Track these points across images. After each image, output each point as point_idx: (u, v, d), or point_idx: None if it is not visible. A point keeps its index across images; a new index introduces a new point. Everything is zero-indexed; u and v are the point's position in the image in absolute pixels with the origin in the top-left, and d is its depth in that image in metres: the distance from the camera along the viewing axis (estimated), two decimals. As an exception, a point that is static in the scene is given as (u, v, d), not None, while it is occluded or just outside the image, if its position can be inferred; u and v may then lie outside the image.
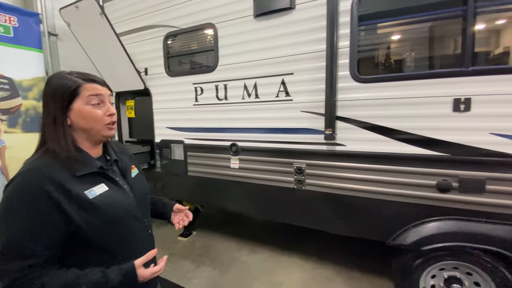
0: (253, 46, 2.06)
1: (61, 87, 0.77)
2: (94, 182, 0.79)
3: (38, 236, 0.69)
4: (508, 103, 1.40)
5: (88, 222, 0.74)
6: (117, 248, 0.80)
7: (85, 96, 0.78)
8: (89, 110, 0.79)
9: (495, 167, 1.45)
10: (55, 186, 0.71)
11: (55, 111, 0.76)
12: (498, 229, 1.48)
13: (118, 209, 0.80)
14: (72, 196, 0.72)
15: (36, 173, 0.71)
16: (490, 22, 2.04)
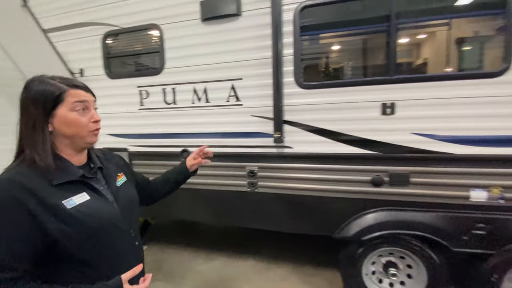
0: (202, 50, 2.03)
1: (43, 93, 0.73)
2: (75, 191, 0.75)
3: (12, 248, 0.66)
4: (426, 106, 1.63)
5: (66, 234, 0.70)
6: (101, 262, 0.76)
7: (70, 102, 0.75)
8: (74, 117, 0.75)
9: (417, 162, 1.68)
10: (30, 196, 0.67)
11: (36, 117, 0.72)
12: (422, 216, 1.71)
13: (100, 220, 0.76)
14: (48, 206, 0.69)
15: (10, 182, 0.68)
16: (410, 37, 2.38)
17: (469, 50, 1.93)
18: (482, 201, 1.60)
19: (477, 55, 1.93)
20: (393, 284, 1.90)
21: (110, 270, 0.76)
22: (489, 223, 1.59)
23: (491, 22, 1.78)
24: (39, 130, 0.72)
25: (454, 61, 1.99)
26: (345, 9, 1.83)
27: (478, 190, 1.60)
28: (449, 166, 1.63)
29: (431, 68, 2.24)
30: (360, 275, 1.89)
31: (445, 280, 1.74)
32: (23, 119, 0.74)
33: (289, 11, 1.80)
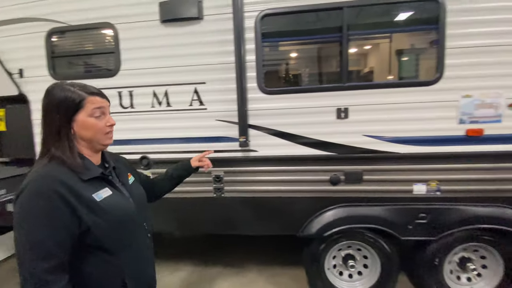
0: (162, 52, 1.96)
1: (66, 100, 0.80)
2: (99, 186, 0.83)
3: (57, 238, 0.72)
4: (374, 111, 1.81)
5: (97, 223, 0.77)
6: (121, 250, 0.83)
7: (90, 109, 0.82)
8: (92, 122, 0.83)
9: (368, 161, 1.85)
10: (67, 189, 0.74)
11: (59, 122, 0.80)
12: (374, 210, 1.88)
13: (121, 212, 0.84)
14: (83, 199, 0.76)
15: (49, 178, 0.75)
16: (359, 48, 2.61)
17: (407, 60, 2.19)
18: (423, 194, 1.83)
19: (414, 65, 2.20)
20: (352, 275, 2.04)
21: (127, 258, 0.85)
22: (429, 213, 1.82)
23: (426, 36, 2.05)
24: (64, 134, 0.80)
25: (395, 70, 2.25)
26: (302, 19, 1.94)
27: (419, 184, 1.82)
28: (395, 164, 1.83)
29: (377, 77, 2.49)
30: (323, 270, 2.00)
31: (396, 267, 1.93)
32: (46, 124, 0.82)
33: (250, 18, 1.85)
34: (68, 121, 0.80)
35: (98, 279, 0.80)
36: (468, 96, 1.72)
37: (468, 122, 1.73)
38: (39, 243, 0.71)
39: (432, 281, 1.91)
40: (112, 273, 0.82)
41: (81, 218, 0.75)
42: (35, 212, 0.72)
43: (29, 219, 0.72)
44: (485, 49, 1.69)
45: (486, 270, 1.93)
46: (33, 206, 0.73)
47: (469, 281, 1.96)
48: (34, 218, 0.72)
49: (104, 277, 0.81)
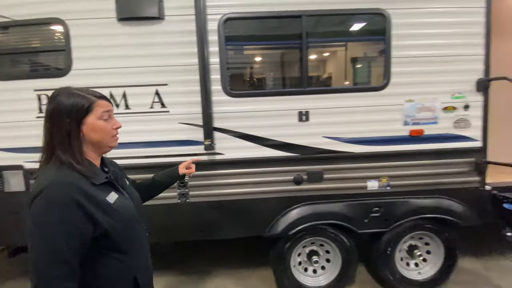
0: (119, 52, 1.86)
1: (76, 104, 0.82)
2: (108, 190, 0.86)
3: (72, 245, 0.73)
4: (332, 114, 1.93)
5: (111, 225, 0.80)
6: (130, 248, 0.88)
7: (99, 112, 0.85)
8: (101, 124, 0.85)
9: (328, 161, 1.97)
10: (84, 195, 0.76)
11: (70, 126, 0.81)
12: (334, 207, 2.00)
13: (128, 213, 0.89)
14: (98, 203, 0.79)
15: (65, 184, 0.75)
16: (319, 54, 2.77)
17: (360, 68, 2.39)
18: (375, 189, 2.00)
19: (366, 72, 2.41)
20: (316, 270, 2.14)
21: (136, 255, 0.90)
22: (382, 206, 2.00)
23: (376, 46, 2.25)
24: (74, 138, 0.81)
25: (350, 76, 2.43)
26: (265, 24, 2.01)
27: (372, 180, 1.99)
28: (351, 163, 1.97)
29: (334, 82, 2.67)
30: (289, 268, 2.07)
31: (355, 258, 2.08)
32: (54, 127, 0.81)
33: (213, 21, 1.85)
34: (78, 124, 0.82)
35: (112, 279, 0.84)
36: (410, 101, 1.93)
37: (411, 124, 1.95)
38: (55, 250, 0.72)
39: (386, 269, 2.09)
40: (125, 271, 0.86)
41: (97, 222, 0.77)
42: (52, 220, 0.72)
43: (45, 226, 0.72)
44: (424, 59, 1.92)
45: (430, 255, 2.17)
46: (50, 213, 0.73)
47: (416, 266, 2.19)
48: (51, 225, 0.72)
49: (118, 275, 0.85)
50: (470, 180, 2.02)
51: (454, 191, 2.02)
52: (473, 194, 2.03)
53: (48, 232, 0.72)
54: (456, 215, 1.99)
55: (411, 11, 1.89)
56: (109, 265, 0.82)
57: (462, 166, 2.00)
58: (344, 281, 2.11)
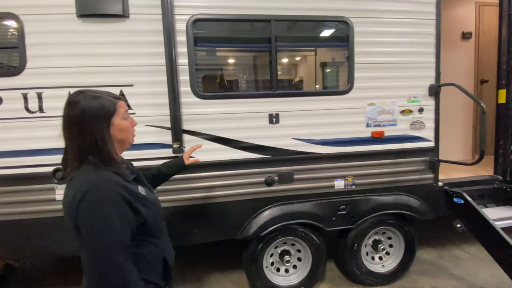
0: (79, 50, 1.75)
1: (102, 107, 0.86)
2: (136, 184, 0.95)
3: (125, 232, 0.82)
4: (301, 116, 1.99)
5: (149, 214, 0.91)
6: (160, 234, 1.00)
7: (122, 112, 0.91)
8: (125, 124, 0.93)
9: (298, 162, 2.02)
10: (126, 190, 0.85)
11: (103, 129, 0.86)
12: (304, 206, 2.06)
13: (156, 203, 1.01)
14: (137, 197, 0.89)
15: (109, 183, 0.83)
16: (288, 58, 2.85)
17: (329, 72, 2.51)
18: (342, 188, 2.10)
19: (334, 76, 2.53)
20: (288, 269, 2.18)
21: (163, 240, 1.02)
22: (348, 204, 2.10)
23: (342, 52, 2.37)
24: (108, 139, 0.87)
25: (320, 80, 2.54)
26: (235, 27, 2.02)
27: (339, 180, 2.09)
28: (319, 163, 2.05)
29: (304, 86, 2.76)
30: (262, 269, 2.08)
31: (324, 255, 2.15)
32: (83, 133, 0.84)
33: (181, 21, 1.82)
34: (108, 126, 0.87)
35: (149, 259, 0.95)
36: (372, 104, 2.07)
37: (373, 126, 2.08)
38: (116, 239, 0.80)
39: (353, 264, 2.19)
40: (158, 253, 0.98)
41: (139, 213, 0.87)
42: (107, 214, 0.79)
43: (102, 221, 0.79)
44: (384, 65, 2.07)
45: (393, 248, 2.33)
46: (103, 209, 0.80)
47: (380, 260, 2.32)
48: (107, 219, 0.79)
49: (153, 256, 0.97)
50: (425, 177, 2.21)
51: (411, 188, 2.19)
52: (428, 190, 2.22)
53: (106, 226, 0.79)
54: (413, 210, 2.16)
55: (371, 20, 2.02)
56: (146, 248, 0.94)
57: (418, 165, 2.18)
58: (315, 278, 2.17)
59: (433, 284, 2.26)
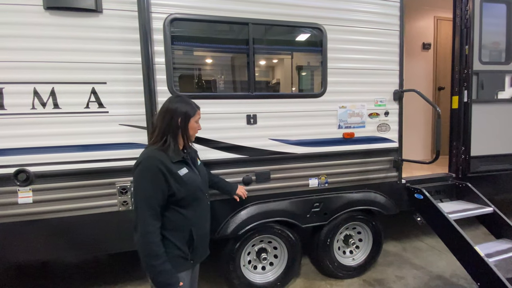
0: (47, 44, 1.65)
1: (189, 110, 1.34)
2: (181, 166, 1.30)
3: (157, 195, 1.20)
4: (278, 118, 2.06)
5: (178, 189, 1.25)
6: (190, 207, 1.31)
7: (196, 118, 1.39)
8: (196, 126, 1.40)
9: (274, 162, 2.09)
10: (164, 166, 1.22)
11: (181, 124, 1.32)
12: (280, 204, 2.12)
13: (193, 183, 1.32)
14: (172, 173, 1.24)
15: (153, 159, 1.22)
16: (267, 60, 2.91)
17: (304, 76, 2.61)
18: (316, 187, 2.20)
19: (309, 80, 2.64)
20: (265, 267, 2.24)
21: (194, 214, 1.33)
22: (321, 202, 2.20)
23: (317, 56, 2.48)
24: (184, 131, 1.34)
25: (296, 83, 2.63)
26: (213, 28, 2.03)
27: (313, 178, 2.19)
28: (295, 163, 2.13)
29: (281, 88, 2.85)
30: (239, 267, 2.11)
31: (300, 252, 2.23)
32: (170, 121, 1.30)
33: (158, 20, 1.79)
34: (187, 122, 1.33)
35: (177, 224, 1.28)
36: (343, 107, 2.20)
37: (344, 127, 2.22)
38: (146, 198, 1.18)
39: (326, 259, 2.31)
40: (185, 221, 1.29)
41: (170, 185, 1.22)
42: (145, 180, 1.19)
43: (142, 183, 1.19)
44: (354, 71, 2.21)
45: (362, 242, 2.48)
46: (144, 176, 1.20)
47: (351, 254, 2.47)
48: (144, 182, 1.19)
49: (180, 223, 1.29)
50: (390, 175, 2.39)
51: (378, 185, 2.36)
52: (392, 187, 2.41)
53: (143, 187, 1.19)
54: (380, 206, 2.33)
55: (343, 28, 2.15)
56: (174, 215, 1.27)
57: (384, 164, 2.36)
58: (290, 274, 2.25)
59: (397, 274, 2.45)
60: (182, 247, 1.29)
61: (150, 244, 1.17)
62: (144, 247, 1.18)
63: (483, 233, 2.97)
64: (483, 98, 2.54)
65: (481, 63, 2.51)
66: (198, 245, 1.35)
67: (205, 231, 1.42)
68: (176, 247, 1.27)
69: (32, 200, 1.70)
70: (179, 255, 1.28)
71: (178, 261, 1.28)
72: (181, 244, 1.28)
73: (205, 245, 1.44)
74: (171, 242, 1.26)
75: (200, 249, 1.38)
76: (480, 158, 2.57)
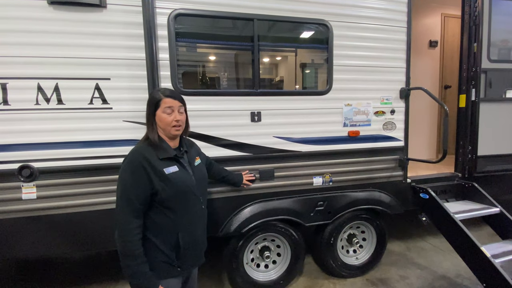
0: (50, 40, 1.64)
1: (153, 98, 1.24)
2: (170, 164, 1.21)
3: (137, 191, 1.13)
4: (282, 115, 2.03)
5: (163, 188, 1.16)
6: (178, 210, 1.22)
7: (163, 107, 1.22)
8: (164, 116, 1.22)
9: (278, 159, 2.07)
10: (148, 163, 1.15)
11: (149, 115, 1.25)
12: (284, 203, 2.11)
13: (183, 184, 1.22)
14: (156, 171, 1.16)
15: (138, 154, 1.16)
16: (271, 58, 2.88)
17: (309, 73, 2.58)
18: (320, 185, 2.18)
19: (313, 77, 2.61)
20: (267, 265, 2.23)
21: (182, 218, 1.23)
22: (325, 200, 2.18)
23: (322, 54, 2.45)
24: (150, 123, 1.24)
25: (300, 80, 2.60)
26: (218, 24, 2.00)
27: (317, 177, 2.17)
28: (299, 161, 2.11)
29: (286, 85, 2.82)
30: (242, 265, 2.10)
31: (303, 250, 2.22)
32: (146, 114, 1.26)
33: (162, 15, 1.77)
34: (153, 114, 1.23)
35: (162, 226, 1.19)
36: (348, 105, 2.17)
37: (349, 125, 2.19)
38: (126, 193, 1.12)
39: (329, 257, 2.29)
40: (171, 225, 1.20)
41: (153, 183, 1.14)
42: (127, 174, 1.14)
43: (123, 177, 1.14)
44: (360, 68, 2.18)
45: (366, 241, 2.46)
46: (126, 170, 1.15)
47: (354, 253, 2.45)
48: (126, 177, 1.14)
49: (165, 226, 1.19)
50: (395, 174, 2.36)
51: (382, 184, 2.33)
52: (398, 187, 2.38)
53: (124, 182, 1.14)
54: (385, 205, 2.30)
55: (349, 24, 2.12)
56: (160, 216, 1.19)
57: (389, 163, 2.33)
58: (294, 272, 2.24)
59: (401, 273, 2.44)
60: (168, 252, 1.19)
61: (126, 243, 1.10)
62: (121, 245, 1.11)
63: (488, 233, 2.94)
64: (491, 96, 2.49)
65: (490, 61, 2.46)
66: (187, 252, 1.24)
67: (195, 238, 1.27)
68: (161, 252, 1.18)
69: (36, 196, 1.70)
70: (164, 260, 1.19)
71: (162, 266, 1.19)
72: (166, 249, 1.19)
73: (196, 253, 1.31)
74: (156, 245, 1.17)
75: (189, 257, 1.26)
76: (487, 157, 2.53)
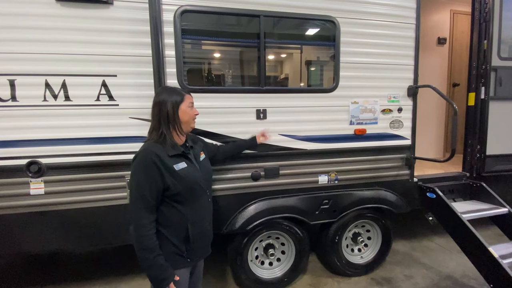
0: (58, 36, 1.65)
1: (177, 96, 1.30)
2: (179, 160, 1.27)
3: (150, 188, 1.18)
4: (288, 113, 2.02)
5: (174, 184, 1.22)
6: (188, 204, 1.27)
7: (187, 103, 1.33)
8: (189, 110, 1.34)
9: (284, 157, 2.06)
10: (159, 160, 1.19)
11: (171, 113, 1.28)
12: (289, 201, 2.10)
13: (192, 179, 1.27)
14: (167, 168, 1.21)
15: (149, 152, 1.20)
16: (276, 55, 2.86)
17: (314, 70, 2.56)
18: (325, 183, 2.17)
19: (319, 75, 2.59)
20: (272, 262, 2.23)
21: (191, 211, 1.28)
22: (331, 199, 2.17)
23: (328, 51, 2.42)
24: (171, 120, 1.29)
25: (305, 78, 2.58)
26: (224, 21, 1.99)
27: (323, 175, 2.15)
28: (304, 159, 2.10)
29: (291, 83, 2.80)
30: (247, 262, 2.11)
31: (307, 248, 2.22)
32: (160, 113, 1.27)
33: (169, 12, 1.77)
34: (176, 110, 1.28)
35: (172, 219, 1.25)
36: (355, 103, 2.14)
37: (355, 123, 2.17)
38: (140, 190, 1.17)
39: (334, 256, 2.29)
40: (181, 218, 1.26)
41: (164, 179, 1.19)
42: (139, 172, 1.18)
43: (136, 175, 1.18)
44: (367, 66, 2.15)
45: (371, 240, 2.45)
46: (139, 168, 1.18)
47: (359, 252, 2.44)
48: (139, 175, 1.18)
49: (176, 219, 1.25)
50: (401, 173, 2.34)
51: (389, 183, 2.31)
52: (404, 186, 2.35)
53: (137, 180, 1.18)
54: (391, 204, 2.28)
55: (357, 21, 2.09)
56: (170, 210, 1.24)
57: (395, 161, 2.30)
58: (298, 270, 2.24)
59: (406, 273, 2.42)
60: (178, 243, 1.26)
61: (142, 237, 1.15)
62: (137, 240, 1.16)
63: (495, 233, 2.90)
64: (501, 95, 2.44)
65: (500, 58, 2.41)
66: (196, 243, 1.30)
67: (203, 230, 1.35)
68: (172, 243, 1.24)
69: (44, 192, 1.72)
70: (175, 251, 1.25)
71: (174, 257, 1.25)
72: (176, 240, 1.25)
73: (204, 244, 1.39)
74: (166, 238, 1.23)
75: (197, 248, 1.34)
76: (496, 157, 2.49)
